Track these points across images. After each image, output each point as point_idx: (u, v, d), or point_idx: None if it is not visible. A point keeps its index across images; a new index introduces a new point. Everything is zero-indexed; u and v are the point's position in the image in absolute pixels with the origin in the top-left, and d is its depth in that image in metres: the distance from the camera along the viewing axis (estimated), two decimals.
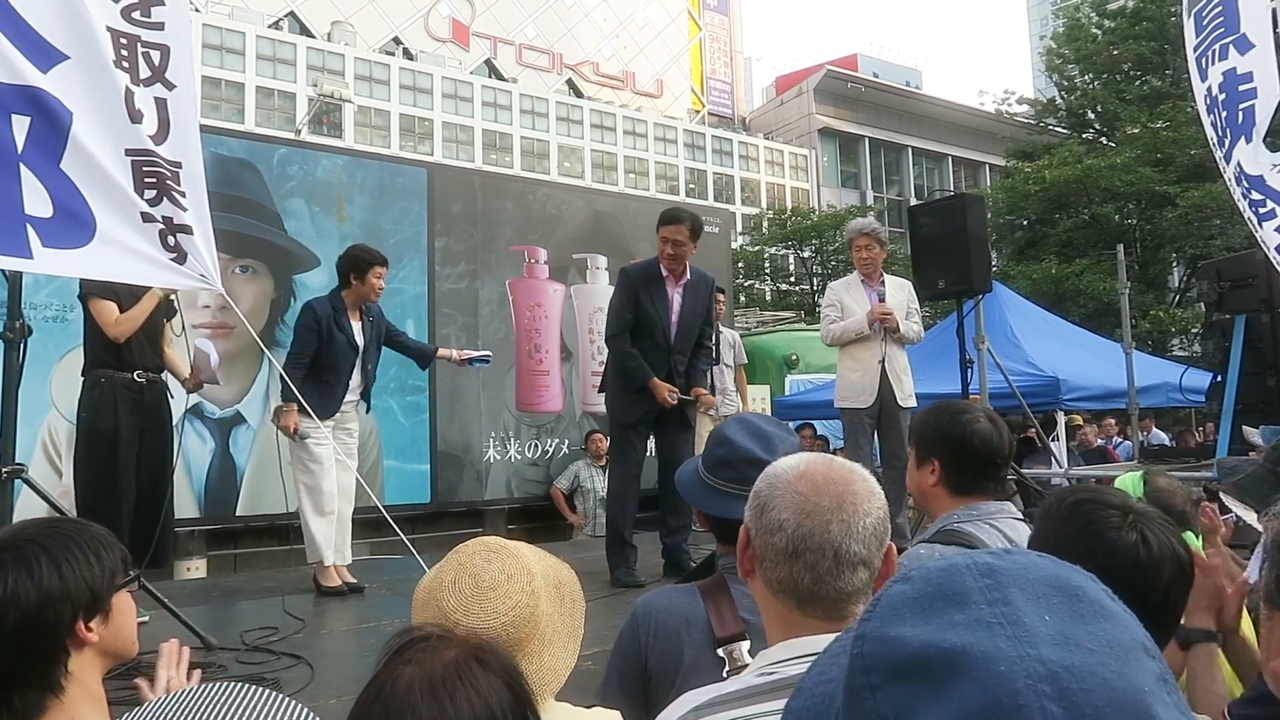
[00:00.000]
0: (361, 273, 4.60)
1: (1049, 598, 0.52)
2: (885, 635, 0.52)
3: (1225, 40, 4.51)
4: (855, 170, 41.00)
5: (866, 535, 1.12)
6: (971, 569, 0.54)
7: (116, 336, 3.85)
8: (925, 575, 0.55)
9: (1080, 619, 0.51)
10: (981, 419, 1.95)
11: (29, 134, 2.98)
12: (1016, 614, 0.50)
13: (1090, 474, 6.53)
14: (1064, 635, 0.50)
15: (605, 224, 8.06)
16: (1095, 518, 1.33)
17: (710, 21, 42.93)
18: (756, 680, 1.11)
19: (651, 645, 1.61)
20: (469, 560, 1.36)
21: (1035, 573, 0.54)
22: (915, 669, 0.49)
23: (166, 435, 4.10)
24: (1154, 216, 20.04)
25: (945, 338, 7.25)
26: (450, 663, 0.95)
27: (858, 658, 0.52)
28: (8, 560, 1.27)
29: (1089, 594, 0.53)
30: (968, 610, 0.51)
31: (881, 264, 5.41)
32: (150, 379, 3.98)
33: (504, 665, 0.98)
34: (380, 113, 31.18)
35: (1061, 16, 27.26)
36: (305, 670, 3.19)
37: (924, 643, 0.50)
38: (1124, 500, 1.38)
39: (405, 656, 0.97)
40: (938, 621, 0.51)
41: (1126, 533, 1.30)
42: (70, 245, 3.06)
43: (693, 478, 1.81)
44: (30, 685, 1.27)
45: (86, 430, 3.87)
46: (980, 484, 1.96)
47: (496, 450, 7.17)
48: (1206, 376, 6.29)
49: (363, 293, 4.62)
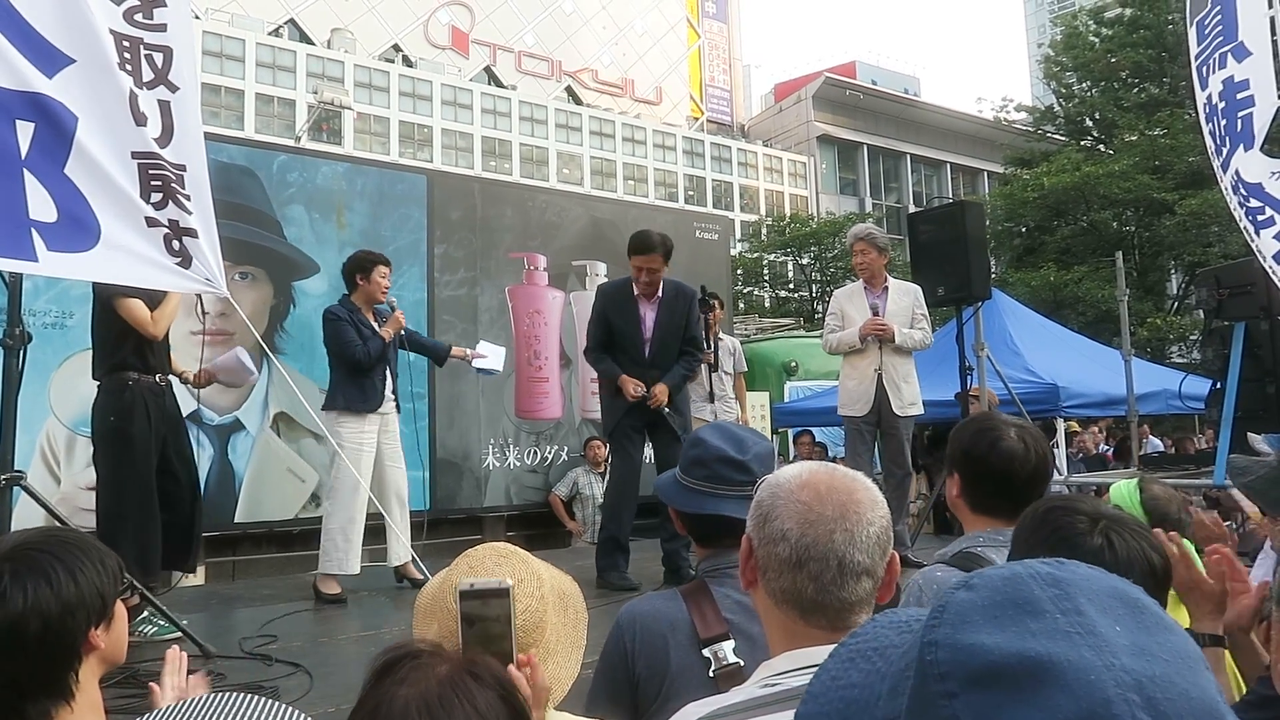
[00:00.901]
0: (367, 272, 4.70)
1: (1115, 609, 0.53)
2: (961, 643, 0.52)
3: (1224, 49, 4.53)
4: (854, 177, 41.09)
5: (870, 544, 1.11)
6: (1036, 578, 0.54)
7: (154, 336, 3.79)
8: (990, 583, 0.55)
9: (1147, 630, 0.52)
10: (1007, 437, 1.85)
11: (33, 139, 2.97)
12: (1092, 624, 0.51)
13: (1090, 481, 6.53)
14: (1139, 646, 0.50)
15: (604, 231, 8.06)
16: (1062, 524, 1.36)
17: (709, 29, 43.05)
18: (760, 691, 1.11)
19: (638, 652, 1.61)
20: (480, 564, 1.36)
21: (1098, 584, 0.54)
22: (997, 676, 0.49)
23: (188, 437, 4.09)
24: (1152, 224, 20.09)
25: (945, 345, 7.25)
26: (444, 680, 0.93)
27: (931, 665, 0.52)
28: (23, 570, 1.28)
29: (1148, 606, 0.54)
30: (1042, 620, 0.51)
31: (883, 268, 5.39)
32: (167, 382, 3.97)
33: (496, 677, 0.97)
34: (380, 119, 31.24)
35: (1060, 24, 27.35)
36: (304, 679, 3.18)
37: (1005, 651, 0.50)
38: (1094, 507, 1.40)
39: (398, 676, 0.95)
40: (1014, 630, 0.51)
41: (1093, 538, 1.33)
42: (75, 249, 3.06)
43: (669, 480, 1.83)
44: (43, 693, 1.27)
45: (115, 435, 3.76)
46: (997, 503, 1.87)
47: (495, 457, 7.16)
48: (1206, 383, 6.29)
49: (370, 292, 4.71)
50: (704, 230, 8.90)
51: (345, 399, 4.55)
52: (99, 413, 3.84)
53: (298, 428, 6.19)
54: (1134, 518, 1.43)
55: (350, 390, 4.54)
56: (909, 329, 5.21)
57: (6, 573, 1.27)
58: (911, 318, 5.27)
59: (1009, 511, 1.79)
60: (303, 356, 6.25)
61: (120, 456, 3.75)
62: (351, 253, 5.08)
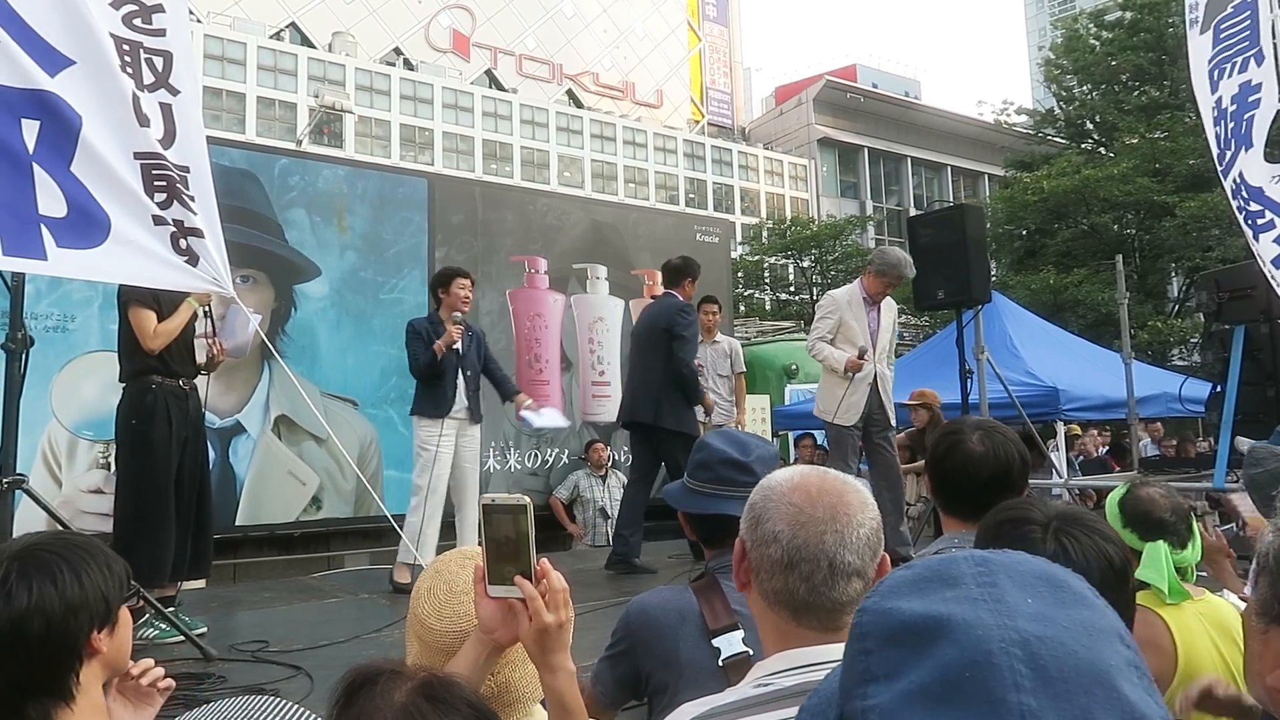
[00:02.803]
0: (446, 284, 4.99)
1: (1035, 586, 0.58)
2: (882, 607, 0.58)
3: (1248, 53, 4.56)
4: (855, 180, 41.08)
5: (860, 546, 1.13)
6: (968, 559, 0.60)
7: (152, 349, 3.83)
8: (925, 562, 0.62)
9: (1061, 604, 0.56)
10: (967, 441, 1.89)
11: (39, 136, 2.98)
12: (1001, 594, 0.56)
13: (1089, 484, 6.52)
14: (1042, 614, 0.55)
15: (605, 234, 8.07)
16: (1018, 534, 1.35)
17: (710, 32, 43.08)
18: (753, 691, 1.12)
19: (649, 642, 1.65)
20: (445, 567, 1.39)
21: (1026, 566, 0.60)
22: (905, 634, 0.56)
23: (204, 443, 4.15)
24: (1152, 227, 20.05)
25: (945, 348, 7.26)
26: (400, 709, 0.88)
27: (856, 626, 0.59)
28: (30, 569, 1.29)
29: (1073, 587, 0.59)
30: (958, 589, 0.57)
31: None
32: (191, 386, 4.00)
33: (459, 696, 0.92)
34: (381, 123, 31.25)
35: (1060, 27, 27.35)
36: (305, 681, 3.18)
37: (914, 612, 0.56)
38: (1045, 512, 1.40)
39: (352, 711, 0.90)
40: (930, 597, 0.57)
41: (1046, 544, 1.32)
42: (85, 245, 3.05)
43: (676, 486, 1.89)
44: (45, 693, 1.28)
45: (136, 438, 3.81)
46: (959, 505, 1.92)
47: (496, 460, 7.17)
48: (1206, 386, 6.29)
49: (450, 304, 4.97)
50: (704, 233, 8.91)
51: (419, 404, 4.94)
52: (122, 416, 3.88)
53: (299, 430, 6.21)
54: (1088, 513, 1.43)
55: (423, 397, 4.93)
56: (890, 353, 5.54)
57: (13, 571, 1.28)
58: (894, 333, 5.57)
59: (970, 513, 1.84)
60: (304, 359, 6.26)
61: (140, 460, 3.80)
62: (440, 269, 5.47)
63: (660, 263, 8.28)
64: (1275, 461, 2.09)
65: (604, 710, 1.73)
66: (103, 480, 5.54)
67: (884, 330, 5.40)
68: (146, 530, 3.71)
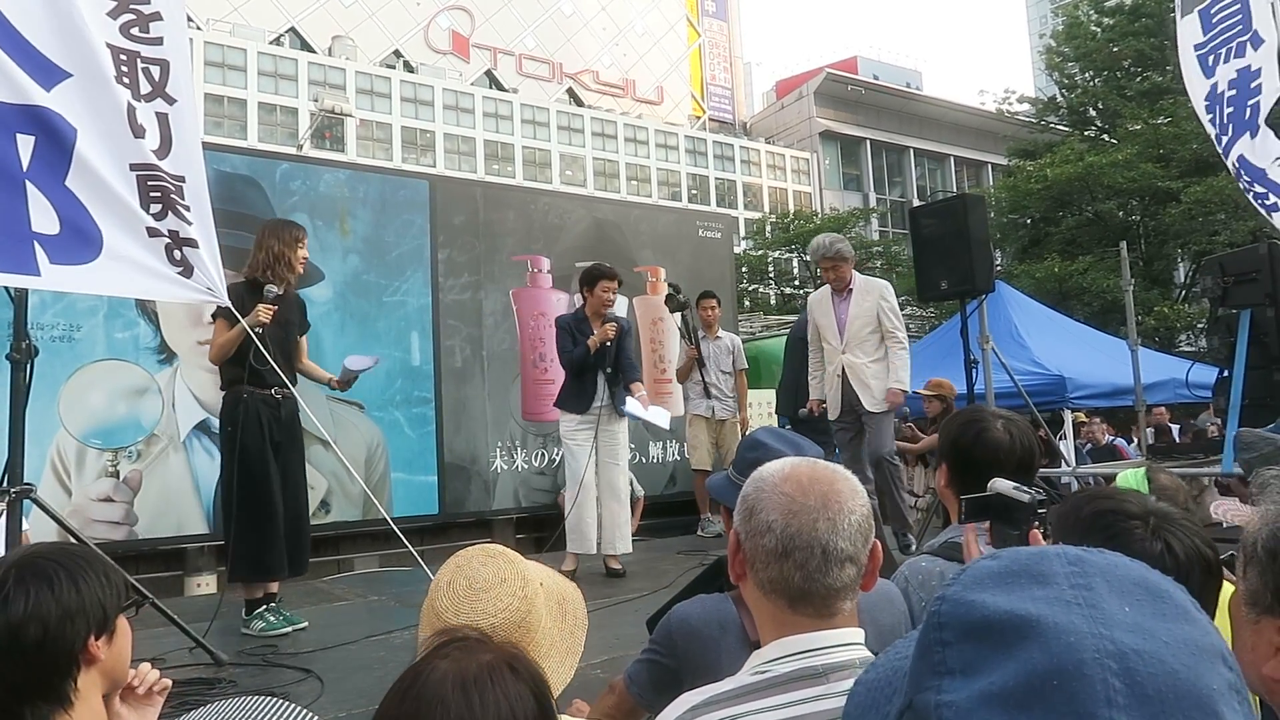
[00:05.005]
0: (591, 285, 5.18)
1: (1133, 594, 0.54)
2: (964, 599, 0.55)
3: (1242, 38, 4.54)
4: (857, 173, 40.98)
5: (852, 532, 1.15)
6: (1061, 556, 0.56)
7: (212, 361, 4.09)
8: (1014, 555, 0.58)
9: (1161, 617, 0.53)
10: (993, 428, 1.89)
11: (34, 152, 3.00)
12: (1097, 599, 0.52)
13: (1097, 472, 6.51)
14: (1141, 626, 0.51)
15: (608, 232, 8.07)
16: (1119, 530, 1.26)
17: (709, 27, 43.01)
18: (751, 679, 1.14)
19: (693, 654, 1.66)
20: (467, 563, 1.39)
21: (1123, 571, 0.56)
22: (988, 631, 0.52)
23: (300, 447, 4.29)
24: (1157, 212, 19.97)
25: (950, 338, 7.25)
26: (485, 665, 0.98)
27: (934, 615, 0.56)
28: (28, 576, 1.31)
29: (1175, 599, 0.55)
30: (1049, 588, 0.54)
31: (850, 272, 5.46)
32: (284, 395, 4.10)
33: (533, 676, 1.01)
34: (382, 126, 31.28)
35: (1061, 14, 27.23)
36: (315, 684, 3.20)
37: (1000, 609, 0.53)
38: (1142, 505, 1.32)
39: (443, 653, 1.00)
40: (1018, 594, 0.54)
41: (1152, 543, 1.24)
42: (77, 261, 3.08)
43: (722, 480, 1.90)
44: (42, 699, 1.29)
45: (230, 442, 4.00)
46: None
47: (503, 460, 7.18)
48: (1213, 371, 6.26)
49: (594, 304, 5.17)
50: (707, 229, 8.91)
51: (562, 399, 5.23)
52: (220, 422, 4.16)
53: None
54: (1180, 512, 1.33)
55: (567, 392, 5.20)
56: (876, 355, 5.29)
57: (11, 578, 1.30)
58: (877, 317, 5.33)
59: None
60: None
61: (234, 462, 3.97)
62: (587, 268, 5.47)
63: (664, 259, 8.33)
64: (1266, 445, 2.09)
65: (636, 710, 1.74)
66: (112, 489, 5.56)
67: (854, 319, 5.34)
68: (238, 529, 3.89)
